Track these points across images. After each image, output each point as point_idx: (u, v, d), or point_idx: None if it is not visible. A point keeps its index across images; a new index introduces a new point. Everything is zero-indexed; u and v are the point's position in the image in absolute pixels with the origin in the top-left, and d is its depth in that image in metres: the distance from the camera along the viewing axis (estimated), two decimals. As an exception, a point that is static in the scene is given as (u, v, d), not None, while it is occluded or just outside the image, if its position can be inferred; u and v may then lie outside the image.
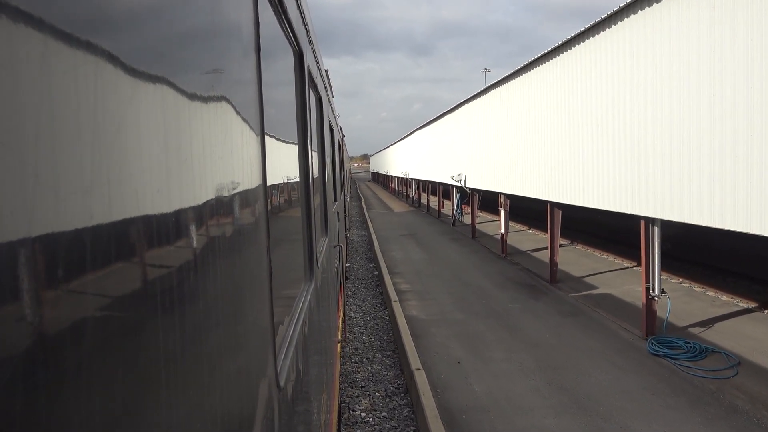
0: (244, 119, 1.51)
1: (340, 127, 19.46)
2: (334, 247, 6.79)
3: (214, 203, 1.17)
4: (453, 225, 28.65)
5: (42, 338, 0.53)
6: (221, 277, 1.20)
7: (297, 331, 2.42)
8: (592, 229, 21.56)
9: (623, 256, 17.90)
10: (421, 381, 8.13)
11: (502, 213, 19.48)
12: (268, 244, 1.79)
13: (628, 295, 13.45)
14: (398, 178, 57.47)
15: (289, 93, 2.88)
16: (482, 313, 12.23)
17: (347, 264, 16.30)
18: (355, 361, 10.02)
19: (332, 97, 11.22)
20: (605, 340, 10.33)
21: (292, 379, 2.16)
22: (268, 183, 1.86)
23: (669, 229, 10.32)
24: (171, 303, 0.88)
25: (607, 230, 20.64)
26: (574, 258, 18.70)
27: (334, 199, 8.79)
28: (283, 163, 2.48)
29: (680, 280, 14.83)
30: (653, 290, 10.38)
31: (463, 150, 24.12)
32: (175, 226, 0.92)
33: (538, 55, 14.65)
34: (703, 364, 9.00)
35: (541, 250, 19.66)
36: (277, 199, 2.33)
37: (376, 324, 12.36)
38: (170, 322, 0.87)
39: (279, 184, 2.35)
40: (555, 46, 13.53)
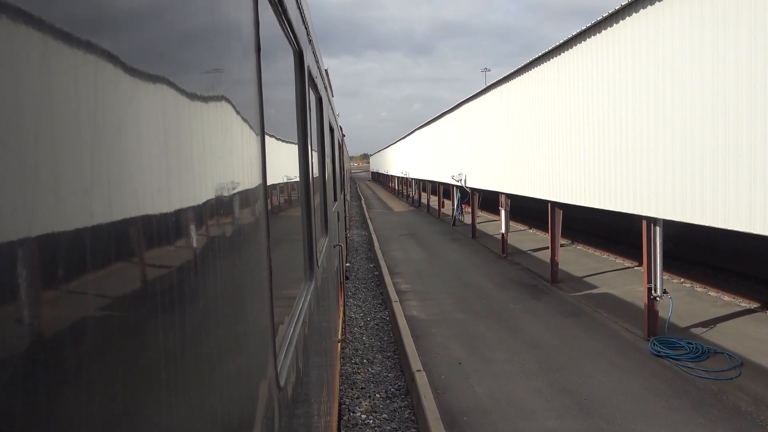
0: (244, 119, 1.51)
1: (340, 126, 19.46)
2: (334, 246, 6.80)
3: (214, 203, 1.17)
4: (453, 225, 28.64)
5: (42, 338, 0.53)
6: (221, 277, 1.20)
7: (297, 330, 2.42)
8: (593, 229, 21.55)
9: (624, 256, 17.88)
10: (422, 382, 8.09)
11: (502, 213, 19.47)
12: (268, 244, 1.79)
13: (630, 295, 13.44)
14: (398, 177, 57.43)
15: (289, 93, 2.88)
16: (483, 314, 12.22)
17: (347, 264, 16.30)
18: (356, 363, 10.00)
19: (332, 96, 11.22)
20: (607, 340, 10.30)
21: (292, 379, 2.16)
22: (268, 183, 1.86)
23: (670, 228, 10.29)
24: (171, 303, 0.88)
25: (607, 230, 20.64)
26: (574, 258, 18.69)
27: (334, 199, 8.79)
28: (283, 163, 2.48)
29: (682, 280, 14.81)
30: (655, 290, 10.34)
31: (464, 149, 24.10)
32: (175, 226, 0.92)
33: (539, 54, 14.62)
34: (706, 365, 8.95)
35: (541, 249, 19.65)
36: (277, 198, 2.33)
37: (377, 325, 12.34)
38: (170, 322, 0.87)
39: (279, 184, 2.35)
40: (556, 45, 13.50)
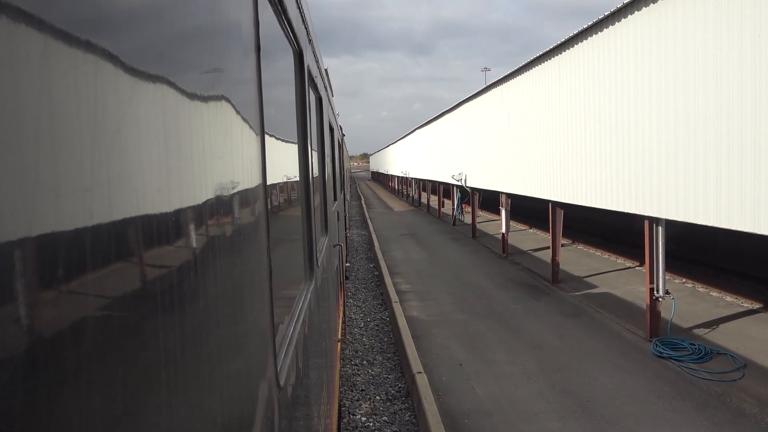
0: (244, 119, 1.52)
1: (340, 126, 19.47)
2: (334, 246, 6.80)
3: (214, 203, 1.17)
4: (453, 224, 28.63)
5: (42, 338, 0.53)
6: (221, 277, 1.20)
7: (297, 330, 2.42)
8: (594, 229, 21.53)
9: (625, 256, 17.87)
10: (423, 384, 8.02)
11: (503, 212, 19.46)
12: (268, 244, 1.79)
13: (631, 295, 13.41)
14: (398, 177, 57.41)
15: (289, 92, 2.88)
16: (483, 314, 12.19)
17: (347, 264, 16.29)
18: (355, 364, 9.95)
19: (332, 96, 11.22)
20: (608, 341, 10.26)
21: (292, 379, 2.16)
22: (268, 182, 1.86)
23: (672, 228, 10.24)
24: (171, 303, 0.88)
25: (608, 230, 20.62)
26: (575, 258, 18.67)
27: (334, 199, 8.79)
28: (283, 163, 2.48)
29: (683, 280, 14.79)
30: (657, 291, 10.24)
31: (464, 149, 24.09)
32: (175, 225, 0.92)
33: (541, 53, 14.58)
34: (709, 366, 8.88)
35: (542, 249, 19.64)
36: (277, 198, 2.33)
37: (377, 325, 12.30)
38: (170, 322, 0.87)
39: (279, 184, 2.36)
40: (557, 44, 13.46)
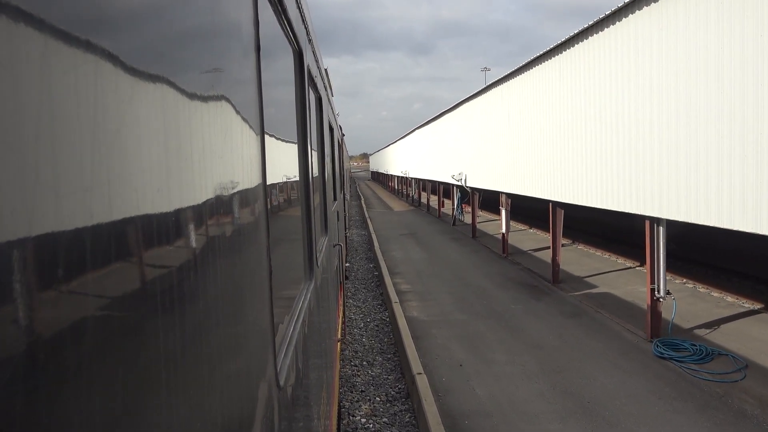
0: (244, 119, 1.52)
1: (340, 126, 19.46)
2: (334, 246, 6.80)
3: (214, 203, 1.17)
4: (453, 224, 28.63)
5: (42, 338, 0.53)
6: (221, 277, 1.21)
7: (297, 330, 2.42)
8: (594, 229, 21.53)
9: (626, 256, 17.86)
10: (423, 385, 8.00)
11: (503, 212, 19.45)
12: (267, 244, 1.79)
13: (631, 295, 13.40)
14: (398, 177, 57.43)
15: (288, 92, 2.88)
16: (483, 314, 12.18)
17: (347, 264, 16.29)
18: (355, 365, 9.92)
19: (332, 96, 11.23)
20: (609, 341, 10.24)
21: (291, 379, 2.16)
22: (268, 182, 1.86)
23: (672, 228, 10.23)
24: (171, 303, 0.88)
25: (609, 230, 20.62)
26: (575, 258, 18.67)
27: (334, 198, 8.79)
28: (282, 163, 2.48)
29: (684, 280, 14.78)
30: (658, 291, 10.22)
31: (464, 149, 24.09)
32: (175, 225, 0.92)
33: (541, 53, 14.57)
34: (710, 367, 8.85)
35: (542, 249, 19.64)
36: (277, 198, 2.33)
37: (377, 326, 12.28)
38: (170, 322, 0.87)
39: (279, 184, 2.36)
40: (558, 43, 13.45)
